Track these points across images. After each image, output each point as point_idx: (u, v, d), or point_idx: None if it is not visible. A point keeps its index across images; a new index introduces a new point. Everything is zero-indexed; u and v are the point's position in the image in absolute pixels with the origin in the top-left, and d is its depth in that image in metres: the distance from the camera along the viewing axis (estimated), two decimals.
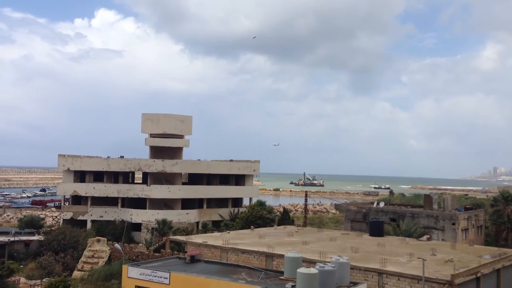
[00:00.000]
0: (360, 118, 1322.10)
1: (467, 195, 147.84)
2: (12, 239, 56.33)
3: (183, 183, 78.19)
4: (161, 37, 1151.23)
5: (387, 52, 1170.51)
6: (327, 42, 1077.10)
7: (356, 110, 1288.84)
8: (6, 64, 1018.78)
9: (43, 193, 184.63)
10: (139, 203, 72.23)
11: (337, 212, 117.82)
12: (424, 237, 50.70)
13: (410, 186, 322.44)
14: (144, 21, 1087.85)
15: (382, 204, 65.80)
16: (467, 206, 69.06)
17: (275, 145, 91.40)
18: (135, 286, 34.38)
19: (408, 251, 40.11)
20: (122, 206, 72.00)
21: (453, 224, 55.52)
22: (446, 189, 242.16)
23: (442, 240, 53.91)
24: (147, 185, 72.78)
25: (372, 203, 71.24)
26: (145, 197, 70.99)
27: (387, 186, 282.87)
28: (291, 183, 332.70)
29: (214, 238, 47.35)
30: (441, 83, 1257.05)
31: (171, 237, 53.86)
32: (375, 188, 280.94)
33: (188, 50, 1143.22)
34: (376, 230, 52.16)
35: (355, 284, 29.41)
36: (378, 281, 33.25)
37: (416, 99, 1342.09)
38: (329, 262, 29.74)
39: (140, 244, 61.79)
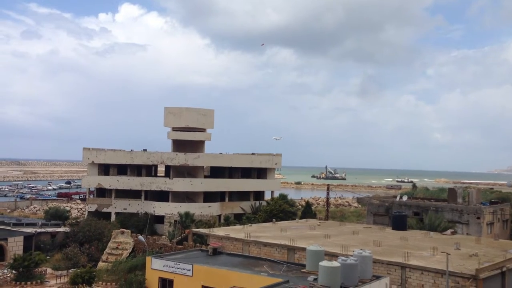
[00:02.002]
0: (384, 111, 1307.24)
1: (492, 188, 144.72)
2: (39, 230, 57.58)
3: (205, 176, 78.69)
4: (188, 31, 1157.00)
5: (414, 44, 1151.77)
6: (354, 35, 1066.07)
7: (380, 103, 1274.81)
8: (33, 59, 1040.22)
9: (69, 185, 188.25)
10: (162, 196, 73.01)
11: (359, 205, 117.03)
12: (448, 231, 50.06)
13: (434, 180, 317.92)
14: (172, 15, 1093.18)
15: (405, 198, 65.07)
16: (493, 200, 67.73)
17: (276, 139, 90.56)
18: (159, 277, 34.91)
19: (432, 245, 39.69)
20: (145, 198, 72.87)
21: (478, 218, 54.62)
22: (471, 183, 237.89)
23: (467, 234, 53.12)
24: (170, 178, 73.45)
25: (395, 196, 70.51)
26: (168, 190, 71.69)
27: (410, 179, 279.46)
28: (313, 176, 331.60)
29: (236, 231, 47.65)
30: (468, 76, 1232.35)
31: (193, 229, 54.36)
32: (398, 181, 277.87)
33: (214, 44, 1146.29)
34: (399, 223, 51.74)
35: (378, 277, 29.24)
36: (401, 274, 33.03)
37: (441, 92, 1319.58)
38: (351, 255, 29.62)
39: (163, 237, 62.48)
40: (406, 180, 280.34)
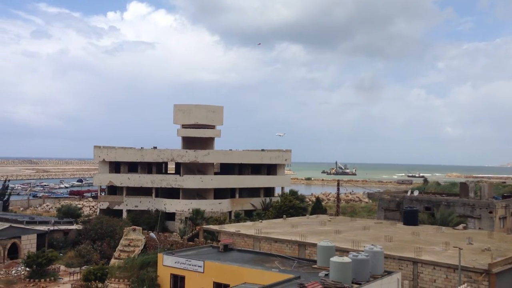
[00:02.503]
0: (394, 105, 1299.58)
1: (504, 182, 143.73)
2: (51, 228, 58.15)
3: (215, 173, 78.89)
4: (197, 28, 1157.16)
5: (424, 38, 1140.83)
6: (363, 29, 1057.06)
7: (390, 97, 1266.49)
8: (44, 59, 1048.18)
9: (80, 183, 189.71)
10: (172, 193, 73.34)
11: (370, 201, 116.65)
12: (460, 226, 49.74)
13: (445, 174, 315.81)
14: (181, 12, 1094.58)
15: (416, 193, 64.73)
16: (505, 194, 67.13)
17: (279, 135, 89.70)
18: (170, 274, 35.11)
19: (444, 240, 39.47)
20: (156, 196, 73.26)
21: (490, 212, 54.16)
22: (482, 177, 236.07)
23: (479, 229, 52.73)
24: (180, 175, 73.74)
25: (406, 191, 70.16)
26: (178, 187, 72.00)
27: (421, 174, 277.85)
28: (323, 172, 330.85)
29: (247, 227, 47.75)
30: (479, 69, 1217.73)
31: (204, 226, 54.57)
32: (409, 176, 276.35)
33: (223, 41, 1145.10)
34: (411, 219, 51.50)
35: (389, 273, 29.14)
36: (413, 270, 32.91)
37: (452, 86, 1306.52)
38: (363, 251, 29.56)
39: (174, 233, 62.81)
40: (417, 175, 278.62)
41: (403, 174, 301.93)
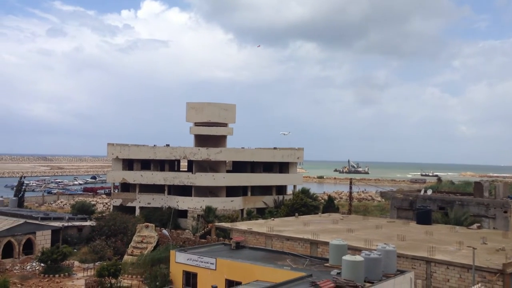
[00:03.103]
0: (408, 104, 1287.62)
1: None
2: (66, 224, 58.78)
3: (228, 171, 79.05)
4: (211, 26, 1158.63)
5: (440, 36, 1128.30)
6: (379, 27, 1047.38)
7: (404, 96, 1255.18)
8: (59, 56, 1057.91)
9: (94, 180, 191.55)
10: (184, 190, 73.67)
11: (383, 199, 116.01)
12: (474, 226, 49.28)
13: (459, 174, 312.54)
14: (196, 10, 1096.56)
15: (429, 192, 64.21)
16: None
17: (284, 134, 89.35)
18: (183, 270, 35.33)
19: (458, 239, 39.15)
20: (169, 193, 73.61)
21: (505, 212, 53.52)
22: (497, 176, 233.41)
23: (493, 228, 52.17)
24: (192, 173, 74.04)
25: (419, 190, 69.64)
26: (191, 184, 72.29)
27: (435, 173, 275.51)
28: (335, 170, 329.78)
29: (259, 225, 47.82)
30: (495, 67, 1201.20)
31: (216, 223, 54.76)
32: (422, 175, 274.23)
33: (238, 39, 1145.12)
34: (424, 218, 51.15)
35: (402, 272, 28.99)
36: (426, 269, 32.70)
37: (467, 84, 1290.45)
38: (375, 250, 29.44)
39: (187, 231, 63.10)
40: (430, 174, 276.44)
41: (419, 173, 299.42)
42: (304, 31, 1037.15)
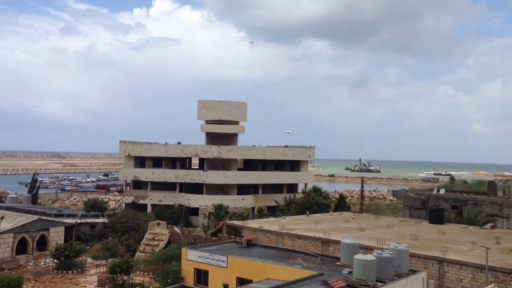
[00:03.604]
0: (421, 102, 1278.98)
1: None
2: (79, 221, 59.29)
3: (239, 169, 79.15)
4: (224, 24, 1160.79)
5: (454, 33, 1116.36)
6: (391, 25, 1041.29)
7: (416, 94, 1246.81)
8: (72, 55, 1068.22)
9: (106, 177, 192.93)
10: (196, 188, 73.91)
11: (395, 198, 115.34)
12: (488, 225, 48.77)
13: (472, 173, 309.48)
14: (209, 8, 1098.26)
15: (442, 191, 63.71)
16: None
17: (288, 132, 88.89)
18: (194, 268, 35.43)
19: (471, 239, 38.78)
20: (180, 191, 73.93)
21: None
22: (511, 176, 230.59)
23: (507, 228, 51.61)
24: (204, 171, 74.24)
25: (432, 189, 69.10)
26: (202, 182, 72.50)
27: (447, 172, 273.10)
28: (347, 169, 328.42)
29: (270, 223, 47.80)
30: (509, 64, 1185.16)
31: (227, 221, 54.85)
32: (435, 174, 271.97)
33: (250, 37, 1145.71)
34: (437, 217, 50.75)
35: (415, 272, 28.78)
36: (439, 269, 32.45)
37: (481, 82, 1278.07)
38: (387, 249, 29.26)
39: (198, 228, 63.31)
40: (443, 173, 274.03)
41: (431, 172, 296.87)
42: (317, 29, 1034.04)
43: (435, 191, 64.54)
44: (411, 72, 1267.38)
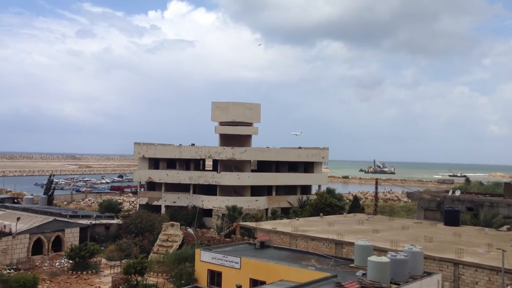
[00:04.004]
0: (436, 103, 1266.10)
1: None
2: (93, 222, 59.78)
3: (252, 170, 79.17)
4: (239, 26, 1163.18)
5: (471, 34, 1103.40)
6: (407, 26, 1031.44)
7: (432, 95, 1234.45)
8: (88, 57, 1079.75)
9: (121, 179, 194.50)
10: (209, 189, 74.10)
11: (409, 200, 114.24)
12: (504, 227, 48.11)
13: (488, 174, 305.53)
14: (224, 10, 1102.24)
15: (458, 193, 62.97)
16: None
17: (295, 134, 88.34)
18: (208, 269, 35.53)
19: (487, 241, 38.31)
20: (194, 192, 74.18)
21: None
22: None
23: None
24: (217, 172, 74.41)
25: (447, 191, 68.35)
26: (216, 184, 72.67)
27: (463, 174, 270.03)
28: (361, 170, 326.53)
29: (283, 225, 47.73)
30: None
31: (241, 223, 54.90)
32: (450, 176, 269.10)
33: (265, 39, 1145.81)
34: (452, 219, 50.23)
35: (429, 274, 28.50)
36: (454, 271, 32.10)
37: (498, 83, 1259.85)
38: (401, 251, 29.03)
39: (211, 230, 63.48)
40: (458, 175, 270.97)
41: (447, 174, 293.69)
42: (332, 30, 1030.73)
43: (450, 193, 63.83)
44: (426, 73, 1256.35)
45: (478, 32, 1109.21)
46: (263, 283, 30.42)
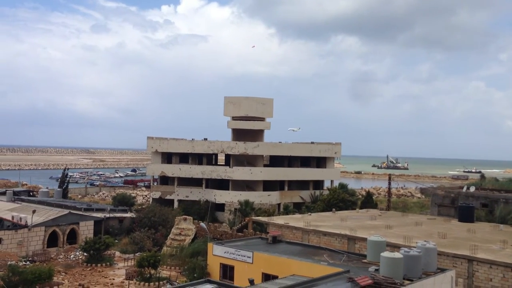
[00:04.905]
0: (451, 98, 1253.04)
1: None
2: (107, 215, 60.39)
3: (265, 165, 79.16)
4: (254, 21, 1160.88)
5: (488, 28, 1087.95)
6: (424, 20, 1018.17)
7: (447, 90, 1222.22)
8: (102, 52, 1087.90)
9: (134, 173, 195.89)
10: (222, 184, 74.30)
11: (423, 196, 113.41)
12: None
13: (504, 170, 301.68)
14: (238, 5, 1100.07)
15: (472, 189, 62.34)
16: None
17: (293, 130, 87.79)
18: (220, 263, 35.70)
19: (501, 238, 37.94)
20: (206, 187, 74.42)
21: None
22: None
23: None
24: (230, 167, 74.55)
25: (461, 187, 67.67)
26: (228, 178, 72.82)
27: (478, 170, 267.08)
28: (374, 166, 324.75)
29: (296, 220, 47.75)
30: None
31: (253, 217, 55.02)
32: (464, 172, 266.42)
33: (279, 33, 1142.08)
34: (466, 215, 49.82)
35: (443, 270, 28.31)
36: (468, 268, 31.86)
37: None
38: (415, 247, 28.86)
39: (224, 224, 63.70)
40: (473, 170, 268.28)
41: (462, 170, 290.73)
42: (347, 25, 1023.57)
43: (464, 189, 63.21)
44: (442, 67, 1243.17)
45: (495, 26, 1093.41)
46: (275, 277, 30.49)
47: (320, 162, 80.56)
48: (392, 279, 24.91)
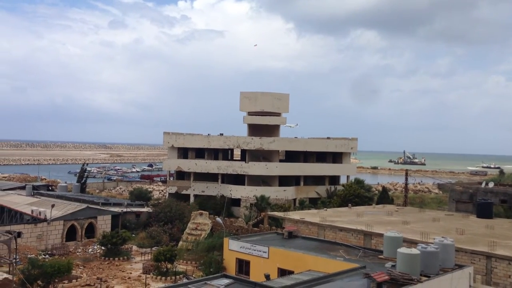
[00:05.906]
0: (470, 93, 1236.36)
1: None
2: (124, 210, 61.06)
3: (280, 160, 79.12)
4: (272, 16, 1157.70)
5: (510, 22, 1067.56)
6: (445, 14, 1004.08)
7: (466, 85, 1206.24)
8: (120, 48, 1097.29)
9: (150, 168, 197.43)
10: (238, 179, 74.48)
11: (440, 192, 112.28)
12: None
13: None
14: (257, 1, 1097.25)
15: (491, 185, 61.45)
16: None
17: (290, 126, 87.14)
18: (236, 258, 35.83)
19: None
20: (222, 182, 74.69)
21: None
22: None
23: None
24: (246, 162, 74.66)
25: (480, 183, 66.77)
26: (244, 173, 72.95)
27: (496, 165, 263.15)
28: (390, 161, 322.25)
29: (311, 215, 47.63)
30: None
31: (269, 213, 55.05)
32: (483, 167, 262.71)
33: (297, 28, 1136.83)
34: (485, 211, 49.13)
35: (461, 266, 28.01)
36: (486, 264, 31.47)
37: None
38: (432, 243, 28.60)
39: (240, 219, 63.91)
40: (492, 166, 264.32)
41: (481, 165, 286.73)
42: (366, 19, 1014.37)
43: (483, 185, 62.36)
44: (462, 62, 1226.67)
45: None
46: (291, 272, 30.51)
47: (336, 157, 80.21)
48: (409, 275, 24.73)
